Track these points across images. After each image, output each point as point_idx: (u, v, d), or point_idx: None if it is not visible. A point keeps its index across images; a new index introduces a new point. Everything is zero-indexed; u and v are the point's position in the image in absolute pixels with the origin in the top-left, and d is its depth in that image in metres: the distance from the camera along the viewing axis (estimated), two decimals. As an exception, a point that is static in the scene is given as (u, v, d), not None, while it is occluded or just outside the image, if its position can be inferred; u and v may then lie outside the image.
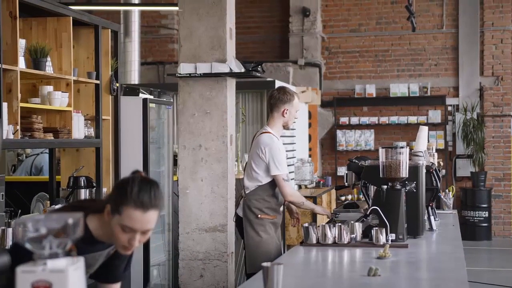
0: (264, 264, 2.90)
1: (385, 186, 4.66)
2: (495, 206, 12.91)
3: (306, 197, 9.29)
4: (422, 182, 4.91)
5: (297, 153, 10.84)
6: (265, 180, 5.24)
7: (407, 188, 4.74)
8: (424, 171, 5.00)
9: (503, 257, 11.52)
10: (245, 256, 5.38)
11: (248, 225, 5.27)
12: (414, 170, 4.83)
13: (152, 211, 2.64)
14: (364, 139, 13.21)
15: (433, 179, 5.36)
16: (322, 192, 10.20)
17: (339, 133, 13.30)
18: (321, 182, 11.15)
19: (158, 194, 2.69)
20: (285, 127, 5.41)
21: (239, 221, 5.39)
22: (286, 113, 5.31)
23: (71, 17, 5.33)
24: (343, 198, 11.80)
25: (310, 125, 12.74)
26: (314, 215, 8.18)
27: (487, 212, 12.64)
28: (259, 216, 5.24)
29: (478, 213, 12.62)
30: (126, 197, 2.62)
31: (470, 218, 12.65)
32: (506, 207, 13.00)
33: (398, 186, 4.67)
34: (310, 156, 12.49)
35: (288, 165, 10.03)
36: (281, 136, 5.60)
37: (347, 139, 13.29)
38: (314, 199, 9.52)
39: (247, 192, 5.28)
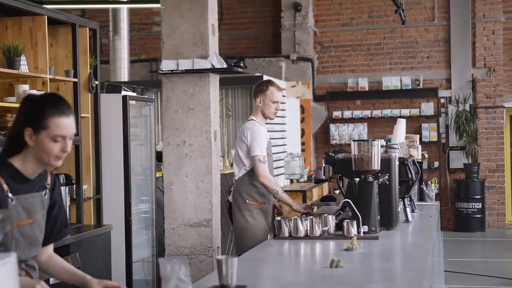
0: (219, 257, 2.94)
1: (357, 179, 4.70)
2: (489, 197, 12.93)
3: (295, 191, 9.42)
4: (395, 174, 4.94)
5: (288, 147, 10.86)
6: (249, 164, 5.39)
7: (380, 180, 4.77)
8: (397, 163, 5.02)
9: (497, 247, 11.52)
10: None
11: (237, 210, 5.45)
12: (386, 162, 4.86)
13: (72, 116, 2.89)
14: (357, 133, 13.22)
15: (408, 172, 5.38)
16: (312, 186, 10.21)
17: (332, 127, 13.31)
18: (313, 176, 11.16)
19: (67, 102, 2.93)
20: (265, 115, 5.57)
21: (230, 207, 5.55)
22: (260, 102, 5.57)
23: (45, 16, 5.36)
24: (337, 191, 11.77)
25: (303, 119, 12.77)
26: None
27: (480, 203, 12.66)
28: (247, 201, 5.41)
29: (472, 205, 12.63)
30: (46, 110, 2.82)
31: (464, 209, 12.67)
32: (500, 198, 13.01)
33: (371, 179, 4.70)
34: (303, 150, 12.52)
35: (278, 160, 10.10)
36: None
37: (341, 133, 13.30)
38: (303, 193, 9.56)
39: (236, 178, 5.49)
